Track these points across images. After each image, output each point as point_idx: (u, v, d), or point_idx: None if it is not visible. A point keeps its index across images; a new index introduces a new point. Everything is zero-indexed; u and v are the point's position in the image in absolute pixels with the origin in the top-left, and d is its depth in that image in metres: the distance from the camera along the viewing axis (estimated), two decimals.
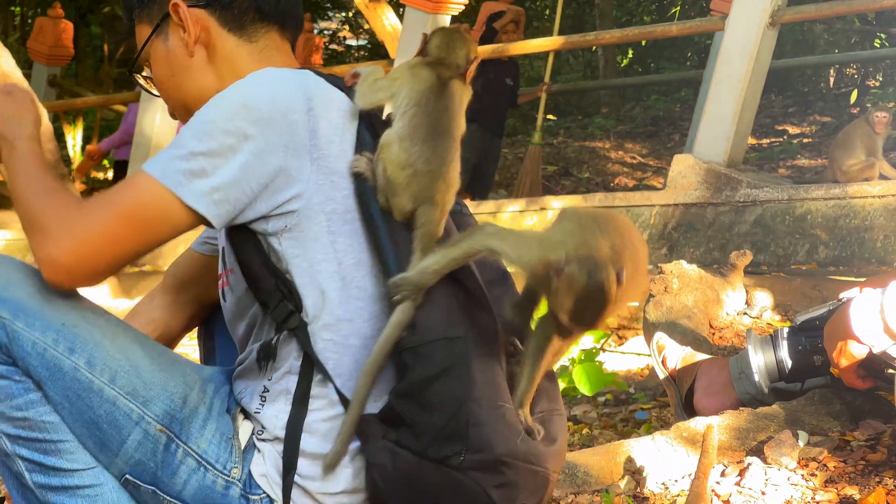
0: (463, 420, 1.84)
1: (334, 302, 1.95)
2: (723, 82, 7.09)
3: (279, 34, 2.23)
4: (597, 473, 2.89)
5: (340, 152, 1.97)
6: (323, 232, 1.95)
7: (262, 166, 1.92)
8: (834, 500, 2.58)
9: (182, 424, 2.01)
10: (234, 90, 1.96)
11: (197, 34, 2.16)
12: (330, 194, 1.95)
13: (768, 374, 3.30)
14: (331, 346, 1.96)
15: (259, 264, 2.00)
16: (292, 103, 1.94)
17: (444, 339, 1.87)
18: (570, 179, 12.55)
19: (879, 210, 6.21)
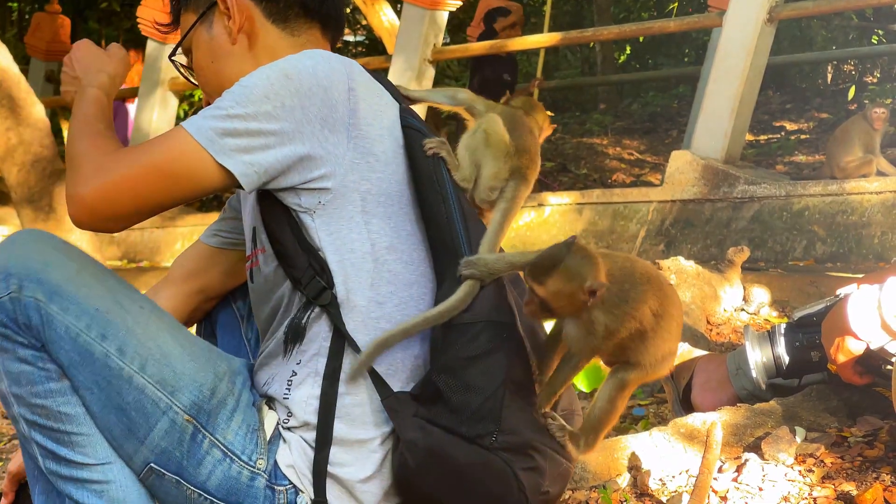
0: (499, 401, 1.88)
1: (365, 283, 1.98)
2: (720, 79, 7.09)
3: (321, 32, 2.28)
4: (594, 469, 2.89)
5: (378, 136, 2.00)
6: (357, 211, 1.98)
7: (299, 137, 1.95)
8: (831, 497, 2.58)
9: (209, 415, 2.03)
10: (279, 62, 2.00)
11: (241, 22, 2.21)
12: (366, 174, 1.98)
13: (765, 371, 3.30)
14: (361, 327, 1.98)
15: (292, 241, 2.02)
16: (334, 80, 1.98)
17: (493, 322, 1.91)
18: (568, 176, 12.53)
19: (877, 206, 6.21)
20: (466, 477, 1.90)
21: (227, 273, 2.51)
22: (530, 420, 1.93)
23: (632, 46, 18.24)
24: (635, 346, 1.94)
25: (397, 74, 8.94)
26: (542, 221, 7.70)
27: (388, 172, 2.00)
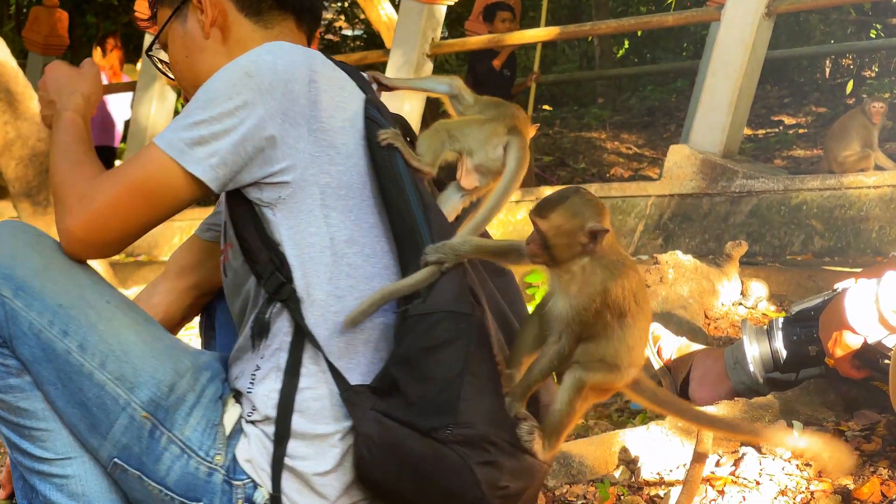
0: (454, 393, 1.84)
1: (324, 278, 1.96)
2: (718, 73, 7.08)
3: (295, 23, 2.27)
4: (592, 463, 2.89)
5: (340, 129, 1.99)
6: (316, 205, 1.97)
7: (260, 132, 1.95)
8: (828, 490, 2.58)
9: (167, 412, 2.02)
10: (240, 59, 2.00)
11: (214, 16, 2.21)
12: (325, 168, 1.97)
13: (763, 365, 3.30)
14: (321, 321, 1.96)
15: (255, 236, 2.02)
16: (295, 73, 1.97)
17: (451, 313, 1.88)
18: (566, 170, 12.54)
19: (875, 200, 6.21)
20: (422, 471, 1.88)
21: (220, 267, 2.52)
22: (490, 413, 1.89)
23: (630, 40, 18.24)
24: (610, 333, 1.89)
25: (395, 68, 8.93)
26: None
27: (350, 165, 1.99)
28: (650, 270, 4.60)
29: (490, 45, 9.15)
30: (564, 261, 1.88)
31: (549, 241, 1.87)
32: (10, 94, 7.09)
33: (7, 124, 7.09)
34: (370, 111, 2.03)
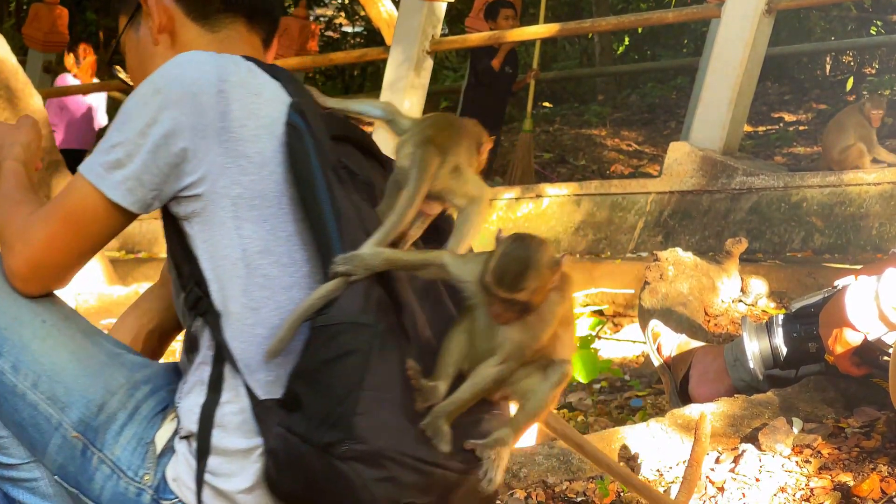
0: (350, 407, 1.78)
1: (238, 290, 1.93)
2: (719, 70, 7.08)
3: (246, 26, 2.22)
4: None
5: (254, 137, 1.95)
6: (228, 217, 1.93)
7: (170, 146, 1.92)
8: (828, 487, 2.59)
9: (97, 431, 2.01)
10: (152, 76, 1.98)
11: (161, 21, 2.17)
12: (236, 178, 1.93)
13: (763, 361, 3.30)
14: (238, 334, 1.92)
15: (178, 249, 2.00)
16: (203, 84, 1.94)
17: (351, 324, 1.82)
18: (566, 167, 12.54)
19: (875, 197, 6.22)
20: (322, 488, 1.83)
21: None
22: (391, 428, 1.81)
23: (630, 37, 18.22)
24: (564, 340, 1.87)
25: (395, 65, 8.94)
26: (540, 213, 7.70)
27: (264, 174, 1.94)
28: (650, 267, 4.60)
29: (490, 41, 9.15)
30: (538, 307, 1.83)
31: (529, 305, 1.80)
32: (10, 90, 7.09)
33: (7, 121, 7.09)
34: (292, 116, 1.97)
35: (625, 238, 7.14)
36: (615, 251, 7.11)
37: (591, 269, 6.18)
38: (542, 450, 2.95)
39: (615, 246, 7.16)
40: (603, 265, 6.22)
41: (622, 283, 5.91)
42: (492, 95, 9.94)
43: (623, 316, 5.81)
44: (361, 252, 1.85)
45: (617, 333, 5.58)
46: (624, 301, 5.83)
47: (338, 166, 1.96)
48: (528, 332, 1.82)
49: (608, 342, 5.33)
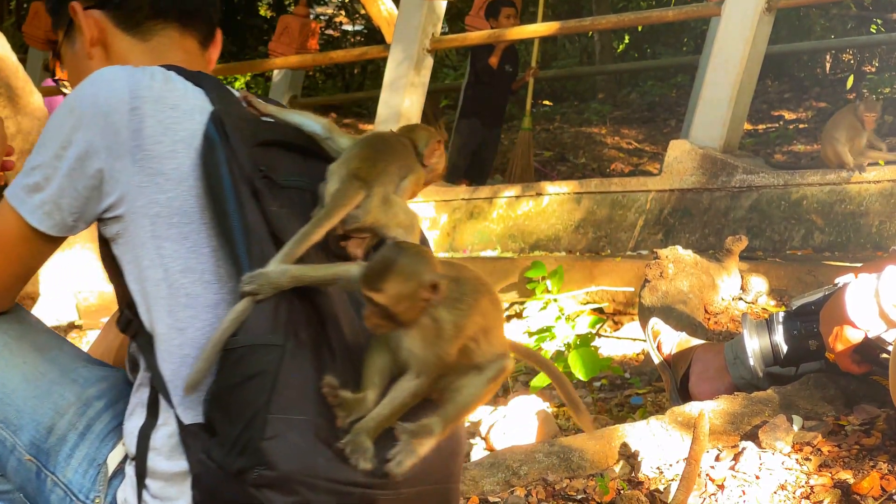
0: (257, 432, 1.74)
1: (164, 311, 1.89)
2: (719, 68, 7.08)
3: (178, 31, 2.18)
4: (592, 458, 2.90)
5: (170, 152, 1.90)
6: (148, 237, 1.89)
7: (87, 169, 1.90)
8: (828, 485, 2.59)
9: (48, 454, 2.00)
10: (68, 96, 1.95)
11: (92, 35, 2.14)
12: (153, 197, 1.89)
13: (763, 359, 3.30)
14: (166, 356, 1.89)
15: (110, 271, 1.98)
16: (115, 103, 1.90)
17: (257, 346, 1.78)
18: (567, 165, 12.54)
19: (875, 195, 6.22)
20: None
21: None
22: (303, 451, 1.76)
23: (630, 35, 18.22)
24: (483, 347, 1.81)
25: (396, 64, 8.93)
26: (540, 211, 7.70)
27: (183, 189, 1.89)
28: (650, 265, 4.60)
29: (490, 40, 9.15)
30: (412, 321, 1.78)
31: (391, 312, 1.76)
32: (10, 89, 7.09)
33: (7, 119, 7.09)
34: (208, 127, 1.91)
35: (625, 236, 7.14)
36: (615, 249, 7.11)
37: (592, 267, 6.18)
38: (542, 448, 2.95)
39: (615, 244, 7.16)
40: (603, 263, 6.22)
41: (622, 280, 5.91)
42: (491, 93, 9.94)
43: (623, 314, 5.81)
44: (267, 270, 1.80)
45: (617, 331, 5.58)
46: (624, 299, 5.83)
47: (256, 176, 1.89)
48: (427, 347, 1.78)
49: (608, 340, 5.33)
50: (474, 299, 1.81)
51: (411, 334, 1.79)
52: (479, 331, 1.81)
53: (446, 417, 1.83)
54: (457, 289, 1.80)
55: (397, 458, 1.78)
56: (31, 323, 2.15)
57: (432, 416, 1.82)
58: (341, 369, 1.83)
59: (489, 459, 2.94)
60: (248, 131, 1.94)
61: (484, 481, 2.81)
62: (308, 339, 1.82)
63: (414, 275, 1.75)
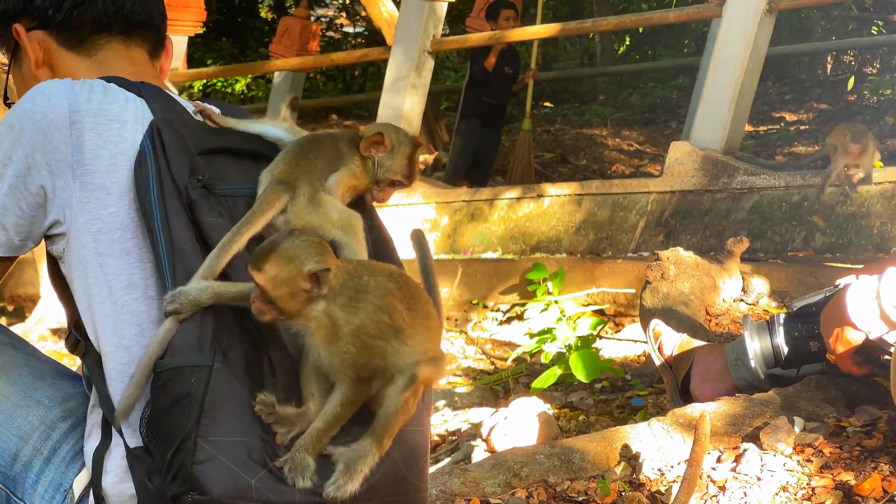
0: (188, 457, 1.70)
1: (109, 329, 1.86)
2: (720, 69, 7.08)
3: (124, 44, 2.15)
4: (593, 459, 2.89)
5: (110, 166, 1.87)
6: (91, 254, 1.87)
7: (29, 186, 1.87)
8: (829, 486, 2.58)
9: (15, 481, 1.99)
10: (9, 112, 1.92)
11: (37, 56, 2.11)
12: (95, 213, 1.86)
13: (764, 360, 3.30)
14: (115, 374, 1.86)
15: (59, 291, 1.97)
16: (54, 118, 1.87)
17: (183, 368, 1.74)
18: (568, 167, 12.54)
19: (876, 197, 6.21)
20: None
21: None
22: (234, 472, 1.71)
23: (631, 37, 18.22)
24: (396, 348, 1.77)
25: (397, 66, 8.93)
26: (541, 212, 7.70)
27: (124, 203, 1.87)
28: (651, 267, 4.60)
29: (491, 42, 9.15)
30: (296, 312, 1.75)
31: (269, 295, 1.73)
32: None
33: None
34: (144, 139, 1.88)
35: (626, 238, 7.14)
36: (616, 251, 7.11)
37: (593, 269, 6.19)
38: (543, 449, 2.95)
39: (616, 245, 7.16)
40: (604, 265, 6.22)
41: (623, 282, 5.91)
42: (491, 95, 9.94)
43: (624, 315, 5.81)
44: (188, 287, 1.77)
45: (618, 333, 5.59)
46: (625, 300, 5.83)
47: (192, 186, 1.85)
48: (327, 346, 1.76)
49: (609, 342, 5.33)
50: (378, 298, 1.77)
51: (313, 334, 1.76)
52: (386, 331, 1.77)
53: (375, 433, 1.80)
54: (355, 286, 1.76)
55: (337, 482, 1.75)
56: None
57: (366, 435, 1.79)
58: (283, 384, 1.80)
59: (490, 461, 2.94)
60: (191, 139, 1.90)
61: (485, 483, 2.81)
62: (240, 356, 1.79)
63: (293, 260, 1.72)
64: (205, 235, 1.84)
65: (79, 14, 2.11)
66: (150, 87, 1.99)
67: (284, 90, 11.15)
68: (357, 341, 1.75)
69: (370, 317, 1.75)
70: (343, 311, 1.75)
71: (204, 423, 1.71)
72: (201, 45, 17.25)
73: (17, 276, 8.42)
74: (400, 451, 1.84)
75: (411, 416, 1.83)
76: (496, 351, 5.88)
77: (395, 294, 1.79)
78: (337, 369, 1.76)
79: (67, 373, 2.16)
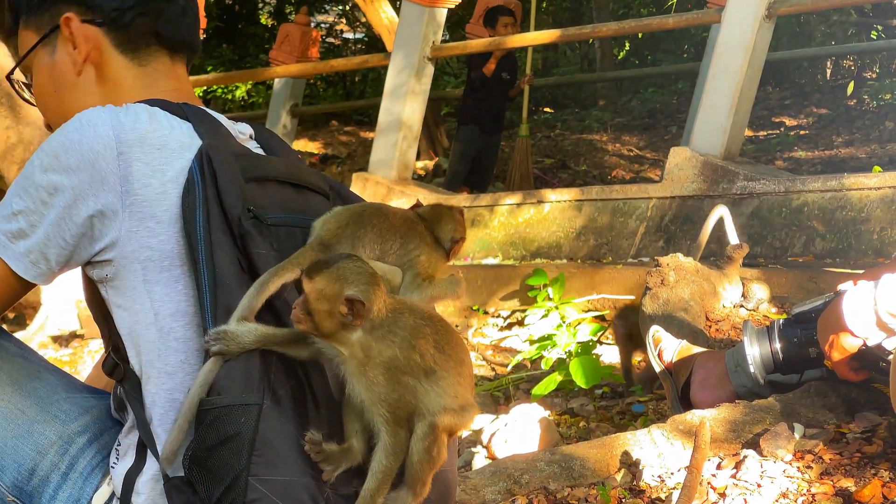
0: (238, 496, 1.71)
1: (154, 355, 1.86)
2: (719, 75, 7.09)
3: (169, 58, 2.15)
4: (593, 466, 2.89)
5: (159, 195, 1.86)
6: (139, 281, 1.86)
7: (75, 218, 1.86)
8: (829, 493, 2.58)
9: (31, 496, 1.98)
10: (50, 139, 1.90)
11: (87, 52, 2.09)
12: (145, 242, 1.86)
13: (764, 366, 3.30)
14: (158, 400, 1.86)
15: (97, 313, 1.96)
16: (101, 149, 1.85)
17: (233, 406, 1.74)
18: (567, 172, 12.54)
19: (876, 202, 6.21)
20: None
21: None
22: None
23: (631, 43, 18.24)
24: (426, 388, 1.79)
25: (396, 72, 8.94)
26: (541, 218, 7.70)
27: (175, 231, 1.86)
28: (651, 273, 4.60)
29: (491, 48, 9.17)
30: (329, 332, 1.76)
31: (310, 306, 1.74)
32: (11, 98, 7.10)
33: (9, 129, 7.10)
34: (192, 167, 1.87)
35: (626, 243, 7.14)
36: (616, 256, 7.11)
37: (593, 275, 6.19)
38: (543, 456, 2.95)
39: (616, 251, 7.17)
40: (604, 271, 6.22)
41: (623, 288, 5.91)
42: (489, 101, 9.96)
43: None
44: (232, 329, 1.77)
45: None
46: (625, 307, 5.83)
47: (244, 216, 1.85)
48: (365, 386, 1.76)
49: (610, 348, 5.33)
50: (412, 336, 1.78)
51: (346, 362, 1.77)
52: (416, 370, 1.78)
53: (407, 483, 1.81)
54: (394, 321, 1.78)
55: None
56: (5, 348, 2.10)
57: (401, 485, 1.80)
58: (328, 419, 1.81)
59: (490, 468, 2.94)
60: (239, 167, 1.90)
61: (485, 490, 2.81)
62: (287, 393, 1.79)
63: (340, 281, 1.74)
64: (254, 267, 1.84)
65: (142, 22, 2.10)
66: (194, 110, 1.98)
67: (285, 96, 11.17)
68: (387, 374, 1.76)
69: (402, 353, 1.77)
70: (377, 343, 1.76)
71: (255, 462, 1.71)
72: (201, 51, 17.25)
73: None
74: (435, 491, 1.87)
75: (443, 461, 1.83)
76: (497, 357, 5.88)
77: (430, 336, 1.80)
78: (369, 404, 1.77)
79: (78, 385, 2.15)
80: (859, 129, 12.07)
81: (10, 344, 2.13)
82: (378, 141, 9.09)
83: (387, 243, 1.98)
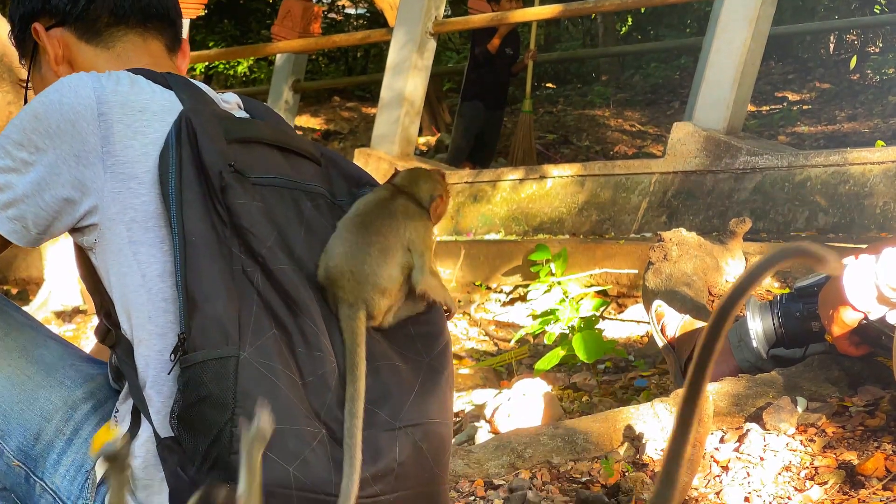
0: (223, 449, 1.71)
1: (144, 317, 1.85)
2: (722, 49, 7.07)
3: (141, 36, 2.15)
4: (596, 440, 2.90)
5: (141, 156, 1.86)
6: (125, 243, 1.86)
7: (56, 179, 1.86)
8: (832, 466, 2.59)
9: (36, 461, 1.99)
10: (33, 101, 1.90)
11: (56, 53, 2.11)
12: (128, 202, 1.85)
13: (766, 340, 3.30)
14: (151, 362, 1.85)
15: (88, 279, 1.96)
16: (81, 110, 1.86)
17: (207, 361, 1.73)
18: (570, 147, 12.53)
19: (879, 176, 6.20)
20: None
21: None
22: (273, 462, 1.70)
23: (633, 17, 18.18)
24: None
25: (398, 47, 8.92)
26: (543, 193, 7.70)
27: (156, 192, 1.85)
28: (654, 248, 4.61)
29: (493, 23, 9.13)
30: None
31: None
32: (13, 74, 7.09)
33: (11, 104, 7.09)
34: (170, 130, 1.87)
35: (628, 218, 7.13)
36: (619, 232, 7.11)
37: (595, 250, 6.19)
38: (546, 430, 2.96)
39: (619, 226, 7.16)
40: (607, 246, 6.23)
41: (626, 263, 5.91)
42: (492, 77, 9.93)
43: (627, 296, 5.81)
44: None
45: (621, 314, 5.59)
46: (628, 281, 5.83)
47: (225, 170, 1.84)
48: None
49: (612, 323, 5.34)
50: None
51: None
52: None
53: None
54: None
55: None
56: (13, 317, 2.12)
57: None
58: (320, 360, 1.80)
59: (494, 442, 2.95)
60: (222, 128, 1.90)
61: (489, 464, 2.82)
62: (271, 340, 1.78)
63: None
64: (235, 217, 1.83)
65: (95, 6, 2.11)
66: (176, 78, 1.99)
67: (286, 72, 11.14)
68: None
69: None
70: None
71: (237, 415, 1.71)
72: (203, 27, 17.22)
73: (20, 258, 8.44)
74: (429, 443, 1.86)
75: None
76: (499, 332, 5.90)
77: None
78: None
79: (83, 355, 2.16)
80: (862, 103, 12.05)
81: (17, 314, 2.15)
82: (380, 117, 9.07)
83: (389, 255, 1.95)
